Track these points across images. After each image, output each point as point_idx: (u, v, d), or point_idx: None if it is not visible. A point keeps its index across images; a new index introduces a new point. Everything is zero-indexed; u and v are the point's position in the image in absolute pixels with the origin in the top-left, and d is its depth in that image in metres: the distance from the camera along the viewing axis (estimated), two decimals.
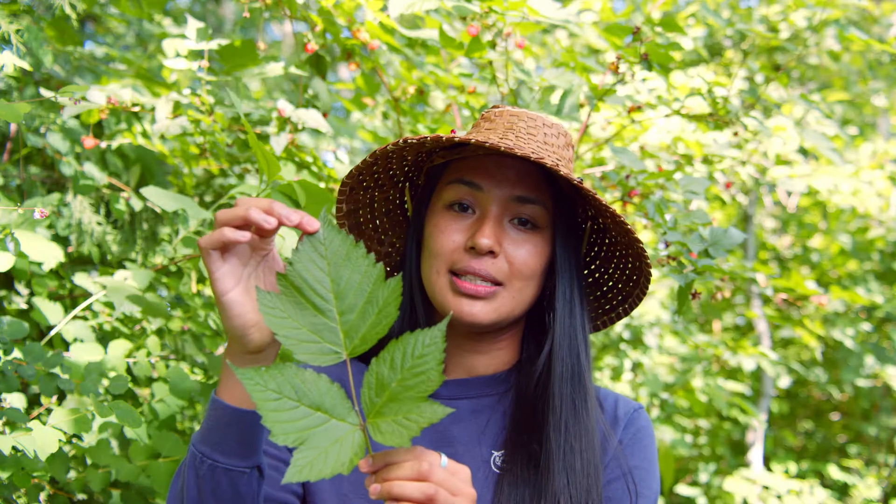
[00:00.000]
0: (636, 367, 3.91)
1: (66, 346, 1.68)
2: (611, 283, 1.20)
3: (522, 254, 1.07)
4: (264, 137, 1.85)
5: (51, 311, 1.70)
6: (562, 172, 1.01)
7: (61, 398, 1.62)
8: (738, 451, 4.92)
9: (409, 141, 1.04)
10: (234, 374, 0.88)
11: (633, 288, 1.17)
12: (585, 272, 1.22)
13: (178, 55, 1.97)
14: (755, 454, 4.47)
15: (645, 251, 1.07)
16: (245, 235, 0.86)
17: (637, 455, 1.11)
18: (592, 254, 1.22)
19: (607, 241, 1.18)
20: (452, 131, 1.26)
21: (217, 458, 0.93)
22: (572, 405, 1.06)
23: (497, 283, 1.06)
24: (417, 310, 1.14)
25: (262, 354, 0.92)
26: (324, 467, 0.78)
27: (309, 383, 0.83)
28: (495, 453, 1.08)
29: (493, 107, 1.17)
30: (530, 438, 1.06)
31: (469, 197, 1.09)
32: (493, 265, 1.06)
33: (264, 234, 0.89)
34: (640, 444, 1.12)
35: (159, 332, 1.85)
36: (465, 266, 1.05)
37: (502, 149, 1.00)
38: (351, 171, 1.12)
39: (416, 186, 1.21)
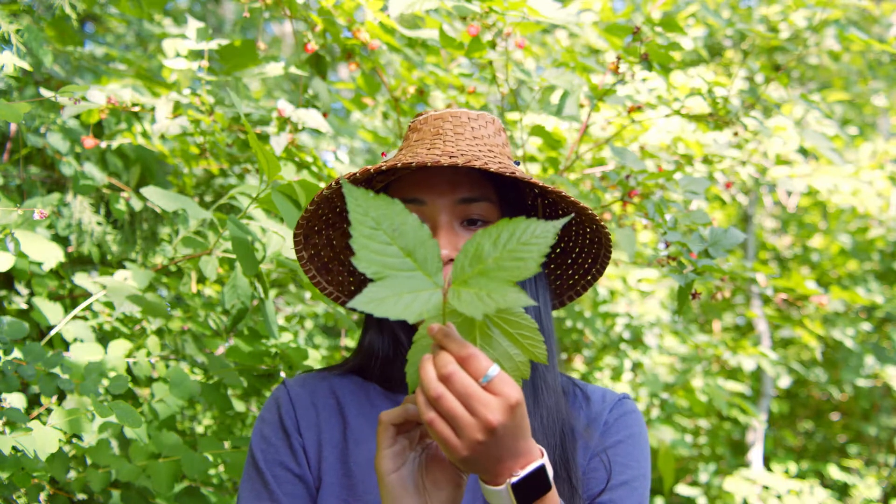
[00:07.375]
0: (636, 367, 3.91)
1: (66, 346, 1.68)
2: (577, 250, 1.22)
3: None
4: (264, 137, 1.85)
5: (51, 311, 1.70)
6: (492, 169, 1.01)
7: (61, 398, 1.61)
8: (738, 451, 4.93)
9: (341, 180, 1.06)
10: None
11: (599, 248, 1.19)
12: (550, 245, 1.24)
13: (178, 55, 1.98)
14: (755, 454, 4.47)
15: (595, 214, 1.09)
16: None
17: (622, 431, 1.12)
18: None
19: (560, 212, 1.21)
20: (383, 154, 1.26)
21: None
22: (531, 388, 1.07)
23: None
24: (397, 331, 1.16)
25: None
26: (392, 308, 0.76)
27: (409, 227, 0.81)
28: None
29: (418, 114, 1.18)
30: None
31: (415, 214, 1.09)
32: None
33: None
34: (625, 423, 1.13)
35: (159, 332, 1.85)
36: None
37: (429, 164, 1.00)
38: (298, 221, 1.13)
39: None
